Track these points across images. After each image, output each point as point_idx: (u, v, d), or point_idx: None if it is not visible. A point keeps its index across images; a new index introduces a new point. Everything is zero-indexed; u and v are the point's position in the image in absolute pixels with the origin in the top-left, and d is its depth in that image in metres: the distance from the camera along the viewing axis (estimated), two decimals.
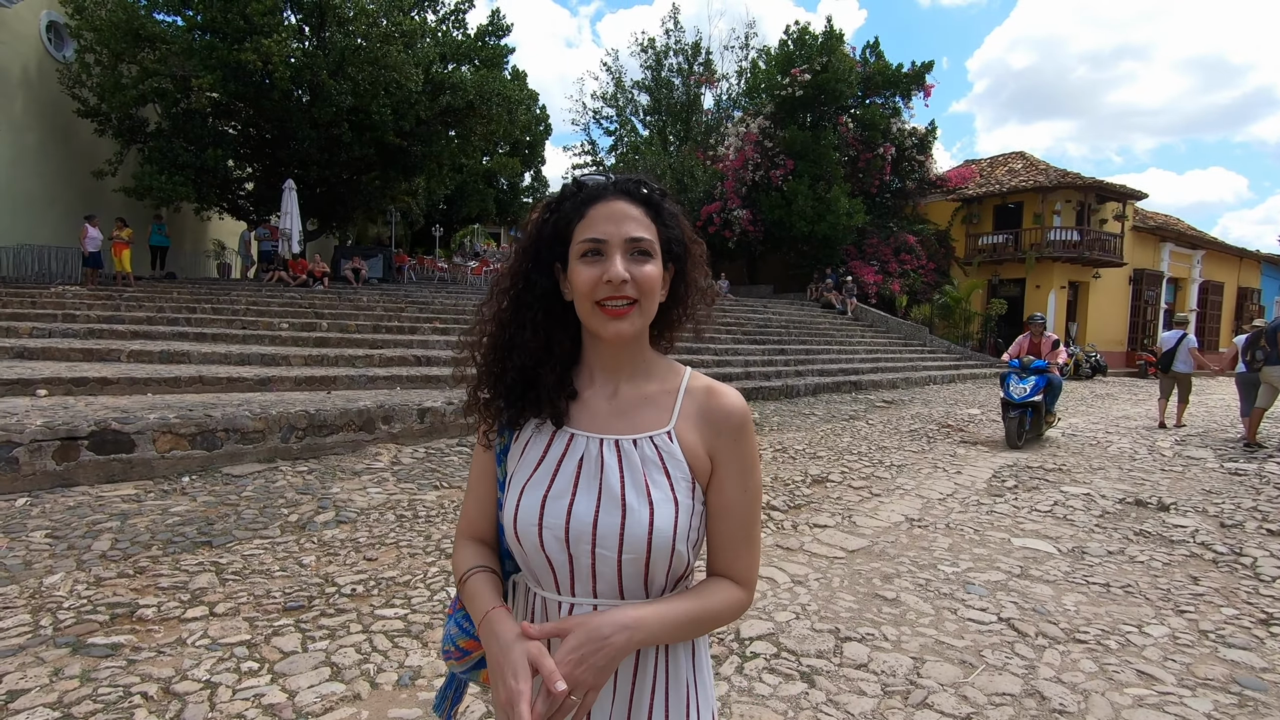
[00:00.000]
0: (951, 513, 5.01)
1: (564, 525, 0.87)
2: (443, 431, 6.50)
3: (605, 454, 0.90)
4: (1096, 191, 21.88)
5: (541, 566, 0.90)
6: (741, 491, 0.92)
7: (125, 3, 13.66)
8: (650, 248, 0.90)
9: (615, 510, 0.86)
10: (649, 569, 0.87)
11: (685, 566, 0.90)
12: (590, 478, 0.89)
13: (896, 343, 18.52)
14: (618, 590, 0.88)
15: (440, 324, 11.39)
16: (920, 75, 22.69)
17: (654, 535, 0.85)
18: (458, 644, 0.99)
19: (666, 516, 0.86)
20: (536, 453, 0.94)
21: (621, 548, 0.86)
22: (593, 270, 0.87)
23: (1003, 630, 3.07)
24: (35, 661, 2.47)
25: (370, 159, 16.93)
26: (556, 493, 0.89)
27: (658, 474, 0.89)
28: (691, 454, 0.91)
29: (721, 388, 0.96)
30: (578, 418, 0.95)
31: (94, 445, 4.57)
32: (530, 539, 0.89)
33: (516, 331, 0.95)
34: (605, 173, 0.96)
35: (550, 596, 0.92)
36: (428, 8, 18.00)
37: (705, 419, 0.93)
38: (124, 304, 10.15)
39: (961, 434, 8.47)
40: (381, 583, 3.32)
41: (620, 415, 0.93)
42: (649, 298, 0.89)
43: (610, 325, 0.88)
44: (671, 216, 0.95)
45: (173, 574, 3.29)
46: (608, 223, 0.89)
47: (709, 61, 30.28)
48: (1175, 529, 4.71)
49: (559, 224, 0.93)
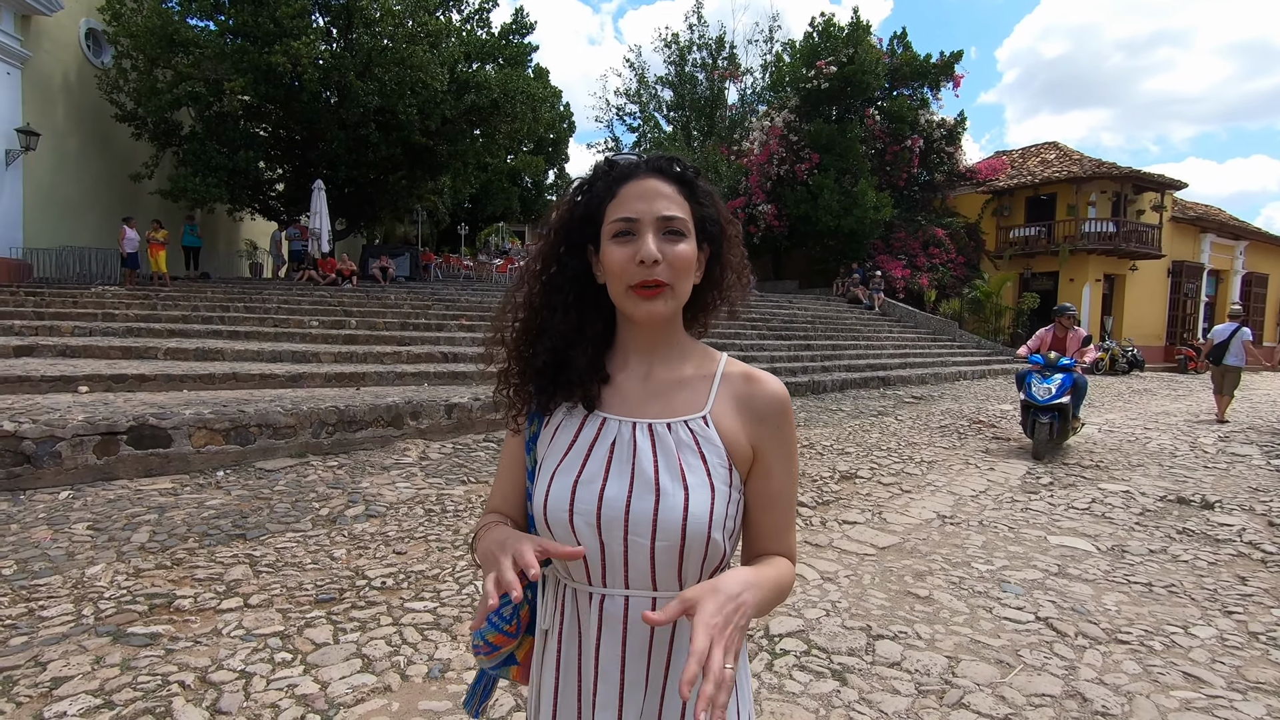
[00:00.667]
0: (985, 510, 4.90)
1: (595, 510, 0.85)
2: (469, 427, 6.55)
3: (638, 437, 0.88)
4: (1133, 182, 21.28)
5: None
6: (787, 478, 0.92)
7: (160, 9, 13.98)
8: (683, 226, 0.87)
9: (648, 495, 0.84)
10: (683, 557, 0.84)
11: (721, 558, 0.87)
12: (623, 462, 0.87)
13: (925, 338, 18.23)
14: (650, 580, 0.85)
15: (466, 321, 11.48)
16: (949, 65, 22.27)
17: (689, 521, 0.83)
18: (487, 638, 0.96)
19: (702, 502, 0.84)
20: (567, 437, 0.92)
21: (655, 534, 0.83)
22: (625, 250, 0.85)
23: (1041, 630, 2.99)
24: (78, 650, 2.53)
25: (397, 159, 17.13)
26: (588, 477, 0.87)
27: (693, 458, 0.86)
28: (730, 440, 0.89)
29: (760, 374, 0.94)
30: (609, 401, 0.92)
31: (133, 440, 4.68)
32: (561, 525, 0.86)
33: (548, 315, 0.93)
34: (637, 152, 0.93)
35: (581, 587, 0.89)
36: (452, 7, 18.13)
37: (746, 406, 0.91)
38: (160, 303, 10.40)
39: (994, 430, 8.30)
40: (411, 576, 3.34)
41: (654, 398, 0.91)
42: (682, 278, 0.87)
43: (643, 306, 0.86)
44: (706, 195, 0.92)
45: (208, 566, 3.35)
46: (639, 201, 0.86)
47: (733, 56, 30.08)
48: (1221, 527, 4.56)
49: (590, 204, 0.91)
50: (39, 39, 13.14)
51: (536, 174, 31.32)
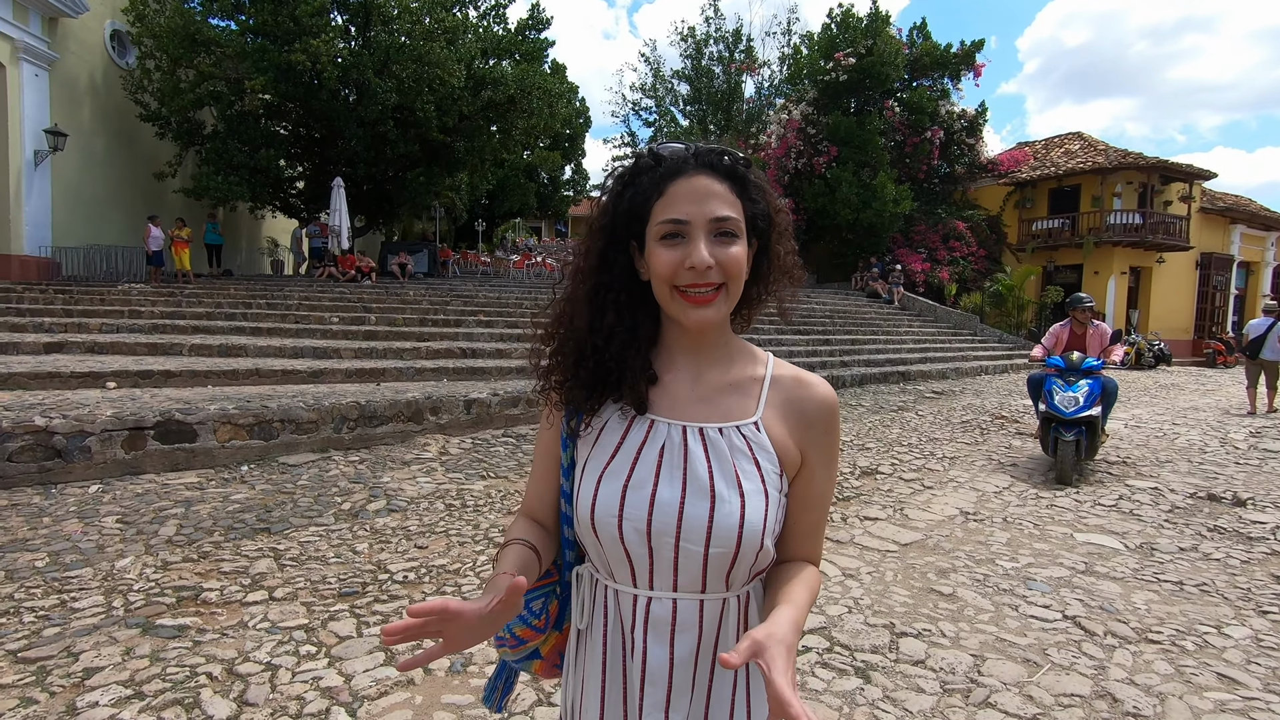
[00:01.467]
0: (1009, 506, 4.83)
1: (646, 517, 0.83)
2: (488, 423, 6.58)
3: (689, 441, 0.86)
4: (1160, 172, 20.84)
5: (619, 559, 0.86)
6: (828, 482, 0.91)
7: (182, 9, 14.16)
8: (736, 227, 0.83)
9: (703, 500, 0.82)
10: (735, 563, 0.82)
11: (769, 561, 0.87)
12: (673, 467, 0.84)
13: (945, 332, 18.02)
14: (700, 583, 0.84)
15: (484, 317, 11.53)
16: (970, 55, 21.91)
17: (745, 528, 0.81)
18: (514, 631, 0.94)
19: (758, 509, 0.82)
20: (613, 439, 0.89)
21: (709, 541, 0.81)
22: (673, 254, 0.81)
23: (1068, 628, 2.94)
24: (108, 641, 2.58)
25: (415, 156, 17.22)
26: (637, 482, 0.84)
27: (747, 464, 0.84)
28: (780, 445, 0.87)
29: (810, 378, 0.92)
30: (658, 403, 0.89)
31: (159, 435, 4.75)
32: (609, 531, 0.84)
33: (596, 314, 0.90)
34: (683, 140, 0.88)
35: (624, 589, 0.87)
36: (469, 4, 18.18)
37: (796, 410, 0.89)
38: (185, 300, 10.56)
39: (1016, 425, 8.19)
40: (432, 570, 3.36)
41: (704, 402, 0.89)
42: (735, 281, 0.84)
43: (694, 313, 0.83)
44: (757, 189, 0.88)
45: (234, 559, 3.40)
46: (689, 202, 0.82)
47: (750, 49, 29.87)
48: (1253, 525, 4.46)
49: (635, 200, 0.86)
50: (65, 41, 13.36)
51: (553, 170, 31.35)
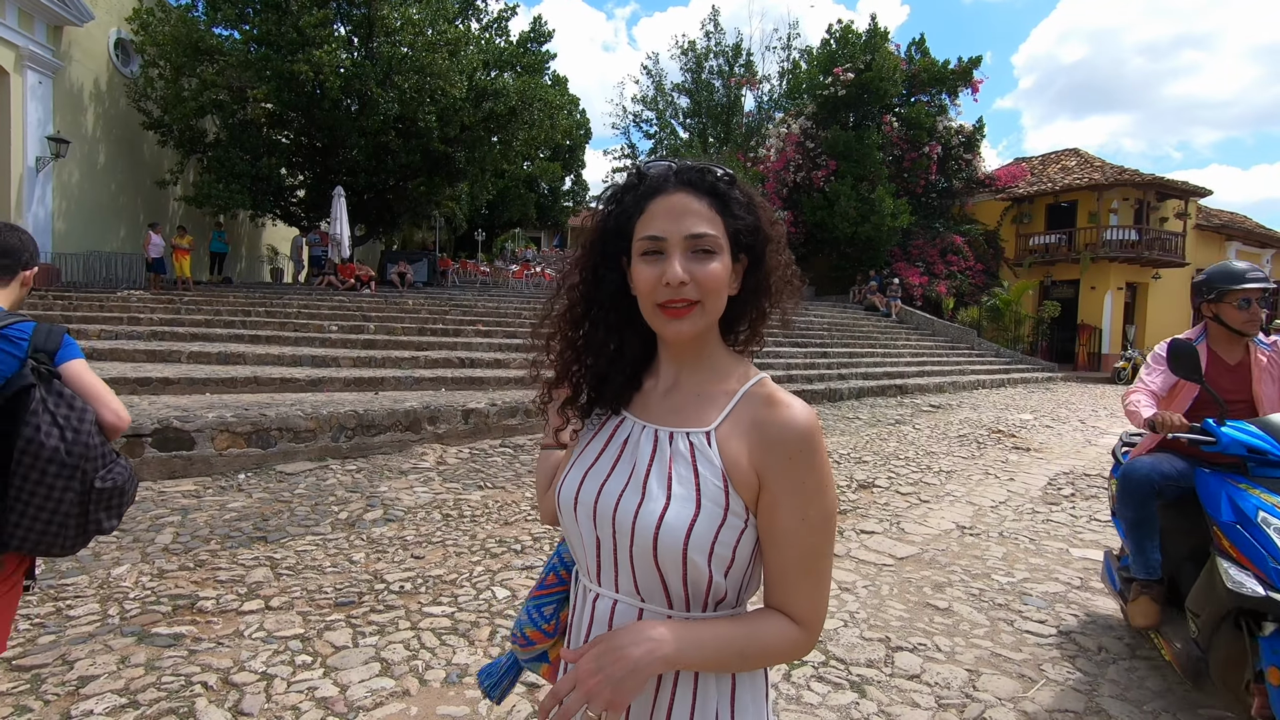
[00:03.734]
0: (1005, 521, 4.84)
1: (594, 501, 0.87)
2: (486, 433, 6.58)
3: (643, 440, 0.89)
4: (1156, 189, 21.00)
5: (578, 543, 0.91)
6: (798, 520, 0.81)
7: (186, 18, 14.29)
8: (714, 244, 0.84)
9: (635, 494, 0.84)
10: (660, 569, 0.82)
11: (707, 583, 0.82)
12: (626, 462, 0.89)
13: (943, 346, 18.07)
14: (633, 585, 0.85)
15: (483, 327, 11.56)
16: (968, 71, 22.15)
17: (661, 529, 0.80)
18: (525, 632, 1.01)
19: (680, 515, 0.80)
20: (590, 433, 0.96)
21: (633, 535, 0.82)
22: (653, 270, 0.84)
23: (1063, 644, 2.95)
24: (104, 649, 2.58)
25: (416, 166, 17.32)
26: (596, 471, 0.90)
27: (685, 469, 0.84)
28: (731, 462, 0.83)
29: (785, 399, 0.86)
30: (634, 405, 0.95)
31: (157, 442, 4.76)
32: (568, 511, 0.90)
33: (590, 330, 0.93)
34: (669, 159, 0.90)
35: (589, 585, 0.91)
36: (472, 16, 18.34)
37: (757, 431, 0.84)
38: (184, 308, 10.58)
39: (1013, 440, 8.21)
40: (429, 581, 3.36)
41: (671, 408, 0.91)
42: (712, 297, 0.84)
43: (670, 326, 0.85)
44: (741, 205, 0.88)
45: (230, 568, 3.40)
46: (666, 219, 0.84)
47: (750, 63, 30.11)
48: None
49: (621, 218, 0.90)
50: (70, 49, 13.46)
51: (553, 180, 31.54)
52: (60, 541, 1.58)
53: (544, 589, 1.04)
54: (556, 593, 1.03)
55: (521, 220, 32.26)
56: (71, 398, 1.60)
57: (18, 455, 1.51)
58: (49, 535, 1.55)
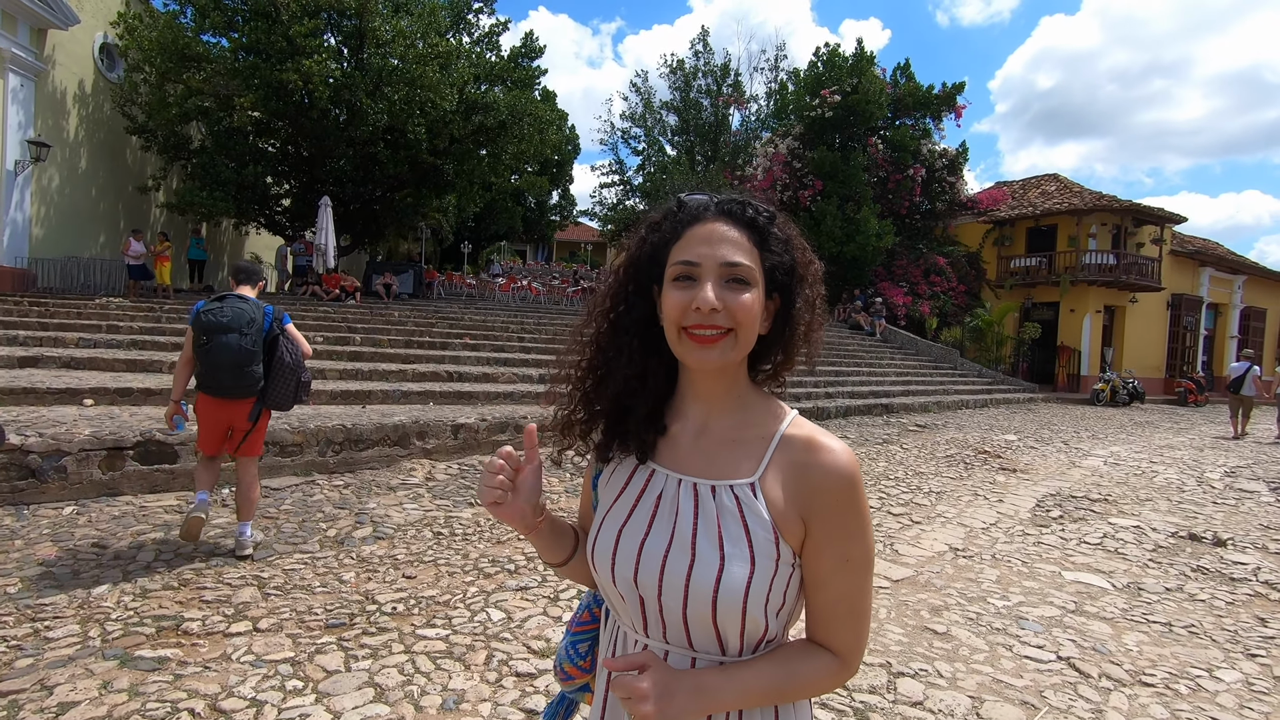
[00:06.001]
0: (996, 543, 4.86)
1: (634, 564, 0.84)
2: (475, 448, 6.50)
3: (682, 496, 0.85)
4: (1133, 214, 21.49)
5: (616, 600, 0.88)
6: (842, 560, 0.81)
7: (174, 24, 14.15)
8: (749, 275, 0.83)
9: (684, 557, 0.81)
10: (717, 625, 0.80)
11: (763, 631, 0.82)
12: (665, 518, 0.85)
13: (926, 365, 18.25)
14: (686, 639, 0.83)
15: (471, 340, 11.47)
16: (951, 97, 22.59)
17: (720, 591, 0.78)
18: (564, 667, 1.04)
19: (738, 575, 0.79)
20: (620, 482, 0.92)
21: (687, 598, 0.80)
22: (684, 295, 0.82)
23: (1063, 670, 2.94)
24: (85, 674, 2.47)
25: (404, 177, 17.25)
26: (631, 529, 0.86)
27: (735, 526, 0.81)
28: (778, 512, 0.82)
29: (826, 442, 0.84)
30: (662, 452, 0.90)
31: (139, 456, 4.63)
32: (604, 572, 0.87)
33: (614, 357, 0.91)
34: (709, 192, 0.89)
35: (630, 633, 0.89)
36: (463, 30, 18.39)
37: (801, 477, 0.82)
38: (165, 316, 10.37)
39: (999, 460, 8.27)
40: (422, 602, 3.29)
41: (704, 456, 0.87)
42: (744, 329, 0.82)
43: (696, 353, 0.82)
44: (780, 242, 0.87)
45: (216, 587, 3.29)
46: (703, 245, 0.83)
47: (738, 83, 30.48)
48: (1235, 565, 4.52)
49: (657, 245, 0.88)
50: (54, 52, 13.25)
51: (540, 194, 31.57)
52: (286, 403, 3.77)
53: (580, 625, 1.04)
54: (590, 630, 1.04)
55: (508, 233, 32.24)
56: (292, 338, 3.76)
57: (276, 364, 3.65)
58: (284, 400, 3.74)
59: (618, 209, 31.31)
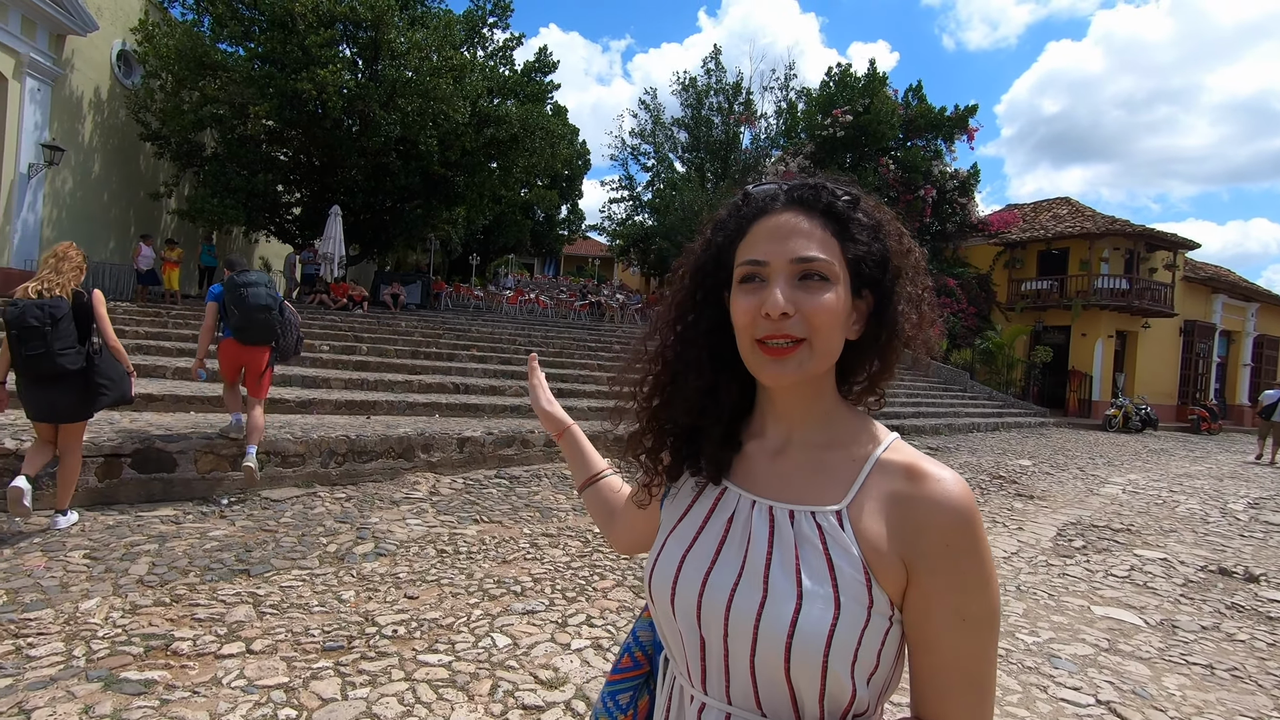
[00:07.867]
0: (1020, 574, 4.67)
1: (696, 596, 0.71)
2: (481, 462, 6.36)
3: (755, 521, 0.73)
4: (1146, 240, 21.35)
5: (674, 638, 0.76)
6: (957, 619, 0.66)
7: (192, 32, 14.25)
8: (826, 270, 0.70)
9: (755, 591, 0.68)
10: (790, 679, 0.65)
11: (849, 698, 0.66)
12: (735, 545, 0.73)
13: (936, 387, 18.05)
14: (753, 699, 0.68)
15: (478, 352, 11.36)
16: (963, 119, 22.57)
17: (796, 635, 0.64)
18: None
19: (818, 618, 0.65)
20: (686, 500, 0.81)
21: (755, 642, 0.66)
22: (751, 300, 0.71)
23: (1105, 716, 2.76)
24: (66, 696, 2.33)
25: (415, 188, 17.25)
26: (696, 555, 0.74)
27: (816, 559, 0.68)
28: (871, 550, 0.67)
29: (932, 470, 0.69)
30: (736, 470, 0.78)
31: (137, 463, 4.51)
32: (663, 601, 0.75)
33: (681, 371, 0.79)
34: (779, 182, 0.77)
35: (686, 686, 0.75)
36: (478, 44, 18.49)
37: (901, 511, 0.68)
38: (171, 321, 10.31)
39: (1015, 486, 8.08)
40: (424, 624, 3.13)
41: (782, 477, 0.75)
42: (821, 335, 0.70)
43: (769, 368, 0.71)
44: (866, 229, 0.74)
45: (209, 604, 3.15)
46: (770, 240, 0.72)
47: (749, 101, 30.56)
48: (1271, 604, 4.33)
49: (722, 245, 0.77)
50: (72, 57, 13.34)
51: (550, 208, 31.62)
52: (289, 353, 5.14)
53: (619, 673, 0.88)
54: (633, 678, 0.88)
55: (516, 246, 32.27)
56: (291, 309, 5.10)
57: (283, 322, 4.98)
58: (288, 350, 5.10)
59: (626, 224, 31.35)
